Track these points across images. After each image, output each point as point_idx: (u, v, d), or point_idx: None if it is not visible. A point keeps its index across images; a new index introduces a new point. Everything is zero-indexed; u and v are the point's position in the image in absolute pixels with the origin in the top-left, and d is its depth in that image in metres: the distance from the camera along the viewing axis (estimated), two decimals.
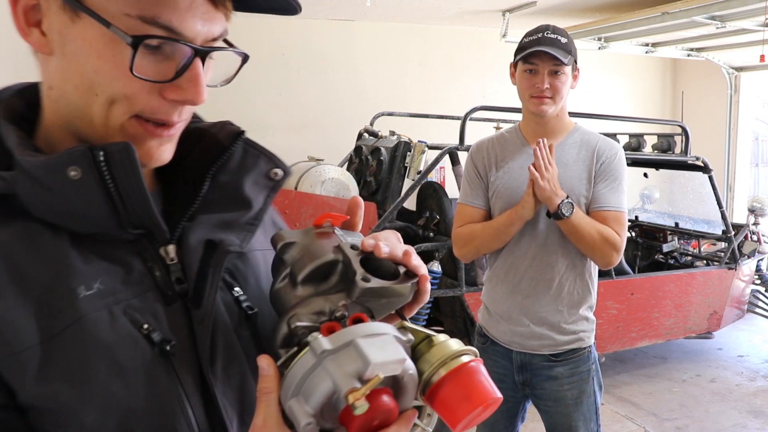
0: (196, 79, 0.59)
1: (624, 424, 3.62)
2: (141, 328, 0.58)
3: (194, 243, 0.65)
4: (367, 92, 5.88)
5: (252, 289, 0.69)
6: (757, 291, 4.92)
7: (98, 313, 0.56)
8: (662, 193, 5.26)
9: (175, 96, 0.59)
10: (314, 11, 5.44)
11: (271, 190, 0.70)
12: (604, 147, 1.86)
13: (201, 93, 0.59)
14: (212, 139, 0.69)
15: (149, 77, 0.57)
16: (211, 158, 0.67)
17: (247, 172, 0.68)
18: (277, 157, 0.70)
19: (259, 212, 0.69)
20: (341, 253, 0.60)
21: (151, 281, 0.61)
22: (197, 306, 0.62)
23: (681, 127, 3.98)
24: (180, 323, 0.62)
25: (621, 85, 7.10)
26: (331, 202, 3.51)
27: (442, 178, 5.22)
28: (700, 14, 4.33)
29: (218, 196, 0.67)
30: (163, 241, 0.63)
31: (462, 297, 3.37)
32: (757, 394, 4.02)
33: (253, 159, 0.69)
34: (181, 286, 0.63)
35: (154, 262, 0.62)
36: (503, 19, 5.44)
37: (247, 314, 0.67)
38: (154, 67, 0.57)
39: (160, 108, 0.59)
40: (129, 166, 0.58)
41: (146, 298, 0.60)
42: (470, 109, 3.38)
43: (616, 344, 3.92)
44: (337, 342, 0.52)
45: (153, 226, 0.62)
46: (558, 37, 1.80)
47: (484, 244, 1.89)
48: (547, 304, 1.86)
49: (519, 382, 1.93)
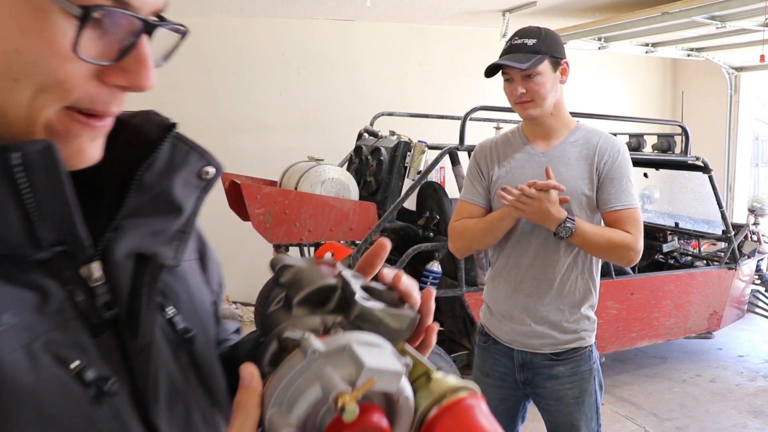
0: (144, 59, 0.49)
1: (624, 424, 3.62)
2: (69, 368, 0.47)
3: (122, 258, 0.54)
4: (367, 92, 5.88)
5: (185, 307, 0.60)
6: (757, 291, 4.92)
7: (13, 354, 0.45)
8: (662, 193, 5.26)
9: (119, 81, 0.49)
10: (314, 11, 5.44)
11: (203, 191, 0.60)
12: (605, 146, 1.85)
13: (150, 76, 0.50)
14: (135, 132, 0.58)
15: (92, 58, 0.46)
16: (136, 155, 0.56)
17: (176, 172, 0.57)
18: (208, 152, 0.60)
19: (190, 217, 0.60)
20: (341, 279, 0.55)
21: (72, 308, 0.50)
22: (133, 334, 0.53)
23: (681, 127, 3.98)
24: (113, 356, 0.51)
25: (621, 85, 7.10)
26: (331, 202, 3.51)
27: (442, 178, 5.22)
28: (700, 14, 4.33)
29: (144, 200, 0.56)
30: (84, 259, 0.52)
31: (462, 297, 3.37)
32: (757, 394, 4.01)
33: (182, 155, 0.58)
34: (111, 312, 0.53)
35: (75, 285, 0.51)
36: (503, 19, 5.44)
37: (183, 337, 0.58)
38: (94, 45, 0.47)
39: (99, 96, 0.49)
40: (51, 171, 0.47)
41: (69, 328, 0.49)
42: (470, 109, 3.38)
43: (616, 344, 3.92)
44: (330, 344, 0.47)
45: (74, 242, 0.51)
46: (524, 41, 1.82)
47: (476, 239, 1.91)
48: (548, 303, 1.87)
49: (520, 381, 1.94)
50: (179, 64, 5.34)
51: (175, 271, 0.60)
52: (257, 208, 3.37)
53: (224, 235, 5.33)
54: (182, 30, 0.54)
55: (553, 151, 1.88)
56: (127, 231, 0.55)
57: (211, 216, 4.75)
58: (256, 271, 4.88)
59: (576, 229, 1.75)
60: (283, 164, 4.15)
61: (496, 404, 1.98)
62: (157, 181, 0.56)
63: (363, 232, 3.50)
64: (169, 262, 0.56)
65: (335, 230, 3.53)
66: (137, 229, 0.56)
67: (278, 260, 0.58)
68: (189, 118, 5.49)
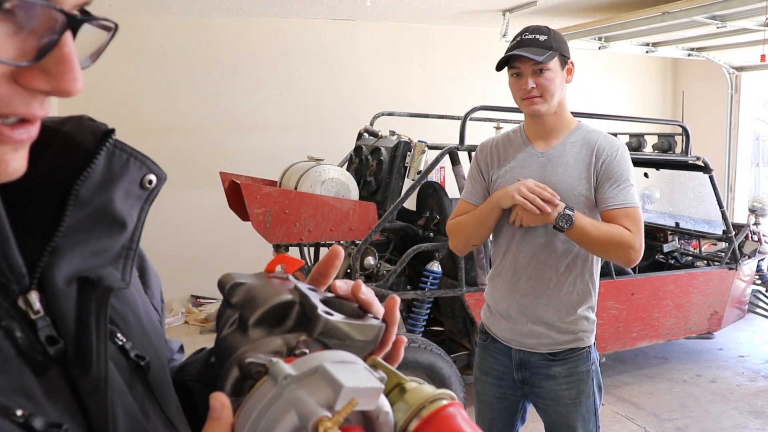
0: (67, 60, 0.41)
1: (624, 424, 3.61)
2: (13, 417, 0.41)
3: (62, 284, 0.48)
4: (367, 92, 5.87)
5: (135, 332, 0.55)
6: (757, 291, 4.91)
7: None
8: (663, 193, 5.25)
9: (39, 84, 0.41)
10: (315, 11, 5.44)
11: (146, 201, 0.55)
12: (603, 145, 1.85)
13: (76, 79, 0.42)
14: (67, 141, 0.51)
15: (5, 57, 0.39)
16: (68, 167, 0.50)
17: (115, 182, 0.51)
18: (149, 159, 0.54)
19: (134, 232, 0.54)
20: (298, 293, 0.52)
21: (10, 347, 0.44)
22: (84, 369, 0.46)
23: (681, 127, 3.98)
24: (63, 396, 0.45)
25: (621, 85, 7.10)
26: (331, 202, 3.51)
27: (442, 178, 5.22)
28: (701, 14, 4.33)
29: (82, 217, 0.50)
30: (20, 289, 0.46)
31: (462, 297, 3.36)
32: (758, 395, 4.01)
33: (120, 164, 0.52)
34: (56, 347, 0.46)
35: (12, 320, 0.45)
36: (503, 19, 5.44)
37: (138, 365, 0.53)
38: (5, 43, 0.40)
39: (14, 98, 0.41)
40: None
41: (8, 371, 0.43)
42: (470, 109, 3.38)
43: (617, 344, 3.91)
44: (301, 367, 0.44)
45: (9, 271, 0.45)
46: (536, 36, 1.81)
47: (470, 233, 1.94)
48: (545, 303, 1.87)
49: (518, 380, 1.94)
50: (179, 64, 5.34)
51: (121, 293, 0.54)
52: (257, 208, 3.37)
53: (224, 235, 5.35)
54: (111, 26, 0.46)
55: (553, 151, 1.87)
56: (65, 253, 0.49)
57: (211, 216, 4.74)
58: (256, 271, 4.88)
59: (575, 220, 1.74)
60: (283, 164, 4.15)
61: (495, 402, 1.98)
62: (95, 195, 0.50)
63: (363, 232, 3.50)
64: (117, 284, 0.50)
65: (335, 230, 3.52)
66: (76, 249, 0.49)
67: (227, 279, 0.53)
68: (189, 118, 5.50)
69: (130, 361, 0.52)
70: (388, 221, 3.40)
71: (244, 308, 0.52)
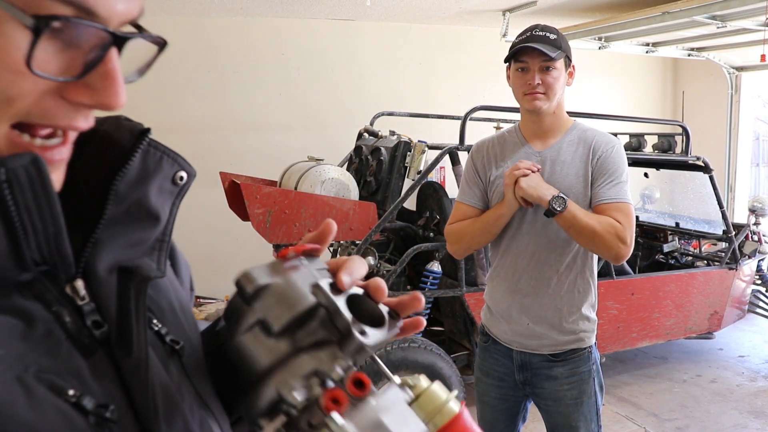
0: (112, 75, 0.44)
1: (624, 424, 3.61)
2: (66, 396, 0.44)
3: (104, 273, 0.52)
4: (367, 92, 5.87)
5: (169, 319, 0.58)
6: (757, 291, 4.91)
7: (9, 389, 0.42)
8: (663, 193, 5.25)
9: (84, 99, 0.44)
10: (314, 11, 5.44)
11: (177, 197, 0.58)
12: (600, 142, 1.86)
13: (119, 94, 0.45)
14: (105, 139, 0.54)
15: (51, 73, 0.42)
16: (107, 164, 0.53)
17: (150, 179, 0.55)
18: (180, 156, 0.57)
19: (167, 225, 0.57)
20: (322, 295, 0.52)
21: (61, 331, 0.47)
22: (126, 352, 0.50)
23: (681, 127, 3.98)
24: (107, 376, 0.49)
25: (621, 85, 7.09)
26: (331, 202, 3.51)
27: (442, 178, 5.22)
28: (701, 14, 4.32)
29: (120, 211, 0.53)
30: (67, 277, 0.49)
31: (462, 297, 3.36)
32: (758, 395, 4.01)
33: (154, 162, 0.55)
34: (101, 331, 0.50)
35: (62, 306, 0.48)
36: (503, 18, 5.43)
37: (173, 349, 0.56)
38: (54, 58, 0.42)
39: (59, 111, 0.44)
40: (39, 187, 0.44)
41: (59, 353, 0.46)
42: (470, 109, 3.37)
43: (617, 344, 3.91)
44: (361, 422, 0.45)
45: (60, 261, 0.48)
46: (546, 34, 1.82)
47: (474, 239, 1.92)
48: (546, 303, 1.86)
49: (519, 381, 1.93)
50: (179, 64, 5.34)
51: (155, 282, 0.58)
52: (257, 208, 3.36)
53: (224, 235, 5.34)
54: (160, 41, 0.49)
55: (550, 150, 1.88)
56: (105, 244, 0.52)
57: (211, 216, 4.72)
58: None
59: (568, 205, 1.74)
60: (283, 164, 4.15)
61: (496, 404, 1.98)
62: (131, 190, 0.53)
63: (363, 232, 3.50)
64: (153, 274, 0.54)
65: None
66: (115, 241, 0.53)
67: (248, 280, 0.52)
68: (189, 118, 5.50)
69: (166, 346, 0.56)
70: (388, 221, 3.40)
71: (267, 313, 0.51)
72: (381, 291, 0.56)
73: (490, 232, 1.88)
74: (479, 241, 1.93)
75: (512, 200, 1.79)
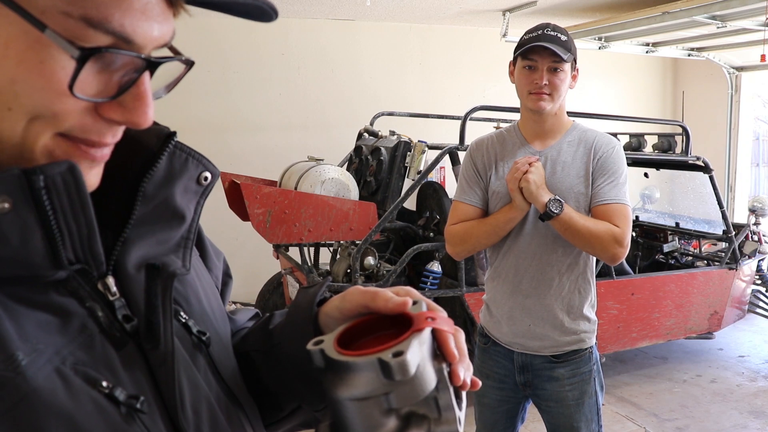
0: (143, 97, 0.48)
1: (624, 424, 3.61)
2: (100, 388, 0.48)
3: (133, 270, 0.55)
4: (367, 92, 5.87)
5: (196, 311, 0.62)
6: (757, 291, 4.91)
7: (48, 379, 0.45)
8: (663, 193, 5.25)
9: (116, 116, 0.48)
10: (314, 11, 5.44)
11: (201, 196, 0.61)
12: (601, 143, 1.85)
13: (148, 114, 0.49)
14: (133, 142, 0.57)
15: (89, 95, 0.46)
16: (135, 165, 0.56)
17: (175, 179, 0.58)
18: (205, 158, 0.61)
19: (191, 224, 0.61)
20: (445, 396, 0.54)
21: (94, 325, 0.51)
22: (154, 344, 0.53)
23: (681, 127, 3.98)
24: (138, 367, 0.52)
25: (621, 85, 7.09)
26: (331, 202, 3.51)
27: (442, 178, 5.22)
28: (701, 14, 4.32)
29: (147, 210, 0.56)
30: (99, 275, 0.53)
31: (462, 297, 3.36)
32: (758, 395, 4.01)
33: (180, 163, 0.58)
34: (131, 324, 0.53)
35: (95, 301, 0.52)
36: (503, 18, 5.43)
37: (200, 339, 0.59)
38: (92, 80, 0.46)
39: (94, 127, 0.48)
40: (74, 192, 0.47)
41: (93, 346, 0.50)
42: (470, 109, 3.37)
43: (617, 344, 3.91)
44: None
45: (92, 259, 0.51)
46: (558, 34, 1.80)
47: (480, 242, 1.89)
48: (548, 304, 1.86)
49: (520, 383, 1.93)
50: None
51: (182, 277, 0.61)
52: (257, 208, 3.36)
53: (224, 235, 5.34)
54: (189, 62, 0.54)
55: (550, 150, 1.87)
56: (133, 242, 0.56)
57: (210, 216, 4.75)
58: (256, 271, 4.88)
59: (565, 208, 1.74)
60: (283, 164, 4.15)
61: (496, 405, 1.97)
62: (158, 191, 0.57)
63: (363, 232, 3.50)
64: (179, 270, 0.57)
65: (335, 230, 3.52)
66: (143, 239, 0.56)
67: (403, 369, 0.50)
68: (189, 118, 5.49)
69: (193, 336, 0.59)
70: (388, 221, 3.40)
71: (396, 390, 0.51)
72: (458, 379, 0.56)
73: (497, 235, 1.86)
74: (485, 243, 1.90)
75: (522, 203, 1.77)
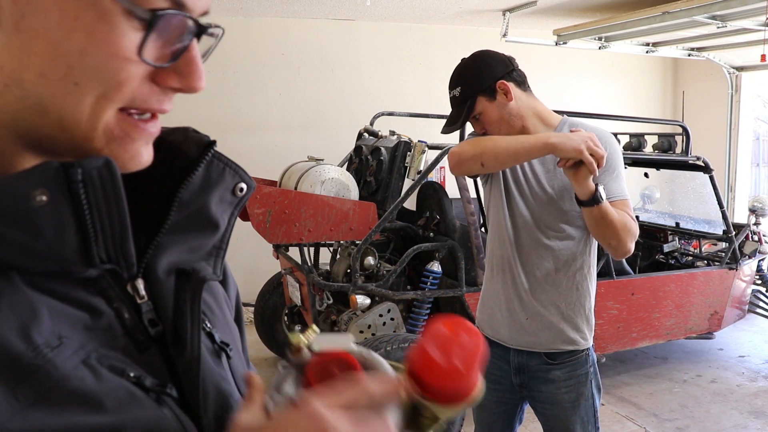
0: (195, 61, 0.50)
1: (624, 424, 3.61)
2: (128, 377, 0.48)
3: (163, 274, 0.55)
4: (367, 92, 5.87)
5: (218, 321, 0.61)
6: (758, 291, 4.91)
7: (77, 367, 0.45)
8: (663, 193, 5.25)
9: (173, 83, 0.49)
10: (314, 11, 5.44)
11: (236, 207, 0.61)
12: (597, 137, 1.83)
13: (202, 78, 0.50)
14: (173, 148, 0.58)
15: (151, 60, 0.47)
16: (174, 172, 0.57)
17: (212, 189, 0.58)
18: (242, 169, 0.61)
19: (224, 233, 0.60)
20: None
21: (119, 326, 0.50)
22: (180, 351, 0.53)
23: (681, 127, 3.98)
24: (158, 372, 0.51)
25: (621, 85, 7.09)
26: (331, 202, 3.51)
27: (442, 178, 5.22)
28: (701, 14, 4.32)
29: (182, 217, 0.56)
30: (129, 277, 0.53)
31: (462, 297, 3.36)
32: (758, 395, 4.01)
33: (217, 173, 0.58)
34: (156, 329, 0.53)
35: (122, 303, 0.51)
36: (503, 18, 5.43)
37: (222, 349, 0.59)
38: (152, 46, 0.47)
39: (152, 96, 0.49)
40: (110, 188, 0.47)
41: (117, 345, 0.49)
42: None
43: (617, 344, 3.91)
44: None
45: (123, 260, 0.51)
46: (453, 93, 1.87)
47: (495, 157, 1.70)
48: (545, 299, 1.85)
49: (516, 384, 1.93)
50: None
51: (210, 286, 0.61)
52: (257, 208, 3.36)
53: None
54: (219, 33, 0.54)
55: None
56: (166, 247, 0.55)
57: None
58: (256, 271, 4.88)
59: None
60: (283, 164, 4.14)
61: (493, 407, 1.97)
62: (194, 198, 0.57)
63: (363, 232, 3.50)
64: (210, 276, 0.57)
65: (335, 230, 3.52)
66: (176, 245, 0.56)
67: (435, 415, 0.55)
68: (188, 118, 5.47)
69: (215, 346, 0.58)
70: (388, 221, 3.40)
71: None
72: None
73: (515, 159, 1.69)
74: (497, 161, 1.71)
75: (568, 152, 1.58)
